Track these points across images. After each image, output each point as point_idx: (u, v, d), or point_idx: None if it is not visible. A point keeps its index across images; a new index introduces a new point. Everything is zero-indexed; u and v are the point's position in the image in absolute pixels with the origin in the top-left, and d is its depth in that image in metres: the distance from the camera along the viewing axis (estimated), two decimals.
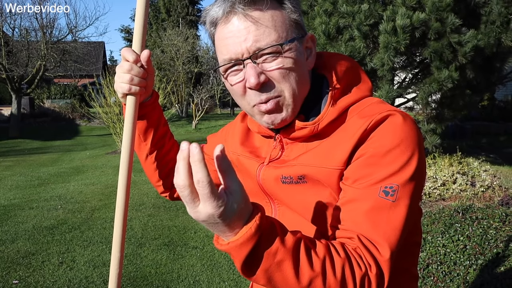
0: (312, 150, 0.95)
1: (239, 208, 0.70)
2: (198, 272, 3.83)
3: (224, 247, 0.73)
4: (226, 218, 0.69)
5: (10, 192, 7.01)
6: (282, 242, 0.74)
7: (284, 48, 0.90)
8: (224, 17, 0.91)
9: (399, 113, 0.89)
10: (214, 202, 0.67)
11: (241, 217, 0.71)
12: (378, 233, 0.81)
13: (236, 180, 0.70)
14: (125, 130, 1.02)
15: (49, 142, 14.76)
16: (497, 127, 13.47)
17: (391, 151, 0.85)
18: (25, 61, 16.87)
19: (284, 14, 0.92)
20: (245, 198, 0.71)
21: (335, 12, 5.64)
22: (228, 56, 0.92)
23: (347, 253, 0.79)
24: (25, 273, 3.81)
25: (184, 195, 0.68)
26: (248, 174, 1.07)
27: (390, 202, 0.83)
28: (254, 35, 0.88)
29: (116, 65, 6.50)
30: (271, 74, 0.90)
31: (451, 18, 4.91)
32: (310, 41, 0.98)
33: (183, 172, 0.67)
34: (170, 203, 6.02)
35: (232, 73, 0.95)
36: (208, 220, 0.69)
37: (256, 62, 0.90)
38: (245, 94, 0.94)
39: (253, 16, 0.89)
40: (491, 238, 3.54)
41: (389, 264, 0.80)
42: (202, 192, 0.66)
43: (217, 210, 0.67)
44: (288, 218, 1.00)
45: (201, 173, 0.65)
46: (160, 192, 1.34)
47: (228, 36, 0.91)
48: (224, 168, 0.69)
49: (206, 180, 0.65)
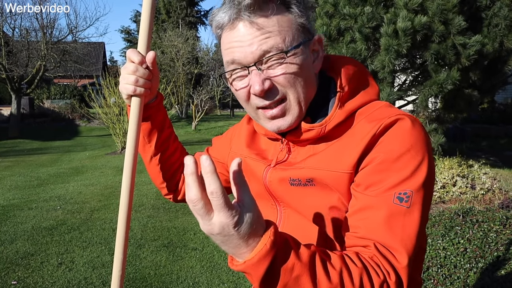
0: (320, 153, 0.94)
1: (252, 221, 0.69)
2: (197, 273, 3.82)
3: (241, 267, 0.72)
4: (241, 229, 0.68)
5: (9, 192, 7.00)
6: (298, 257, 0.73)
7: (289, 53, 0.89)
8: (230, 23, 0.91)
9: (408, 117, 0.89)
10: (228, 211, 0.66)
11: (255, 231, 0.70)
12: (395, 240, 0.81)
13: (249, 194, 0.70)
14: (130, 132, 1.01)
15: (48, 143, 14.74)
16: (497, 130, 13.49)
17: (402, 156, 0.85)
18: (25, 61, 16.86)
19: (291, 19, 0.91)
20: (257, 212, 0.71)
21: (336, 14, 5.64)
22: (233, 62, 0.92)
23: (363, 262, 0.79)
24: (24, 274, 3.80)
25: (197, 209, 0.68)
26: (254, 176, 1.06)
27: (404, 208, 0.82)
28: (259, 42, 0.88)
29: (116, 66, 6.46)
30: (276, 79, 0.90)
31: (458, 19, 4.90)
32: (317, 43, 0.97)
33: (194, 186, 0.67)
34: (170, 205, 6.01)
35: (237, 79, 0.95)
36: (222, 232, 0.68)
37: (261, 68, 0.90)
38: (249, 99, 0.95)
39: (258, 23, 0.88)
40: (491, 241, 3.53)
41: (407, 271, 0.80)
42: (217, 203, 0.66)
43: (231, 220, 0.67)
44: (294, 222, 0.99)
45: (214, 184, 0.65)
46: (164, 194, 1.34)
47: (233, 42, 0.91)
48: (239, 181, 0.69)
49: (220, 191, 0.65)
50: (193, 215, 5.55)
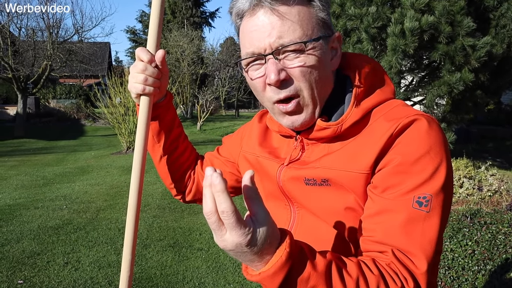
0: (336, 152, 0.92)
1: (267, 236, 0.68)
2: (203, 274, 3.82)
3: (256, 278, 0.71)
4: (254, 247, 0.67)
5: (15, 192, 7.02)
6: (314, 267, 0.72)
7: (308, 46, 0.87)
8: (250, 10, 0.90)
9: (425, 117, 0.87)
10: (240, 230, 0.65)
11: (270, 245, 0.69)
12: (414, 246, 0.79)
13: (262, 207, 0.69)
14: (139, 131, 1.00)
15: (54, 142, 14.80)
16: (504, 131, 13.40)
17: (420, 159, 0.83)
18: (31, 61, 16.93)
19: (312, 12, 0.90)
20: (272, 225, 0.69)
21: (342, 14, 5.62)
22: (251, 50, 0.91)
23: (380, 270, 0.77)
24: (30, 273, 3.81)
25: (211, 222, 0.67)
26: (267, 176, 1.05)
27: (424, 213, 0.80)
28: (279, 31, 0.86)
29: (121, 66, 6.46)
30: (292, 71, 0.88)
31: (466, 21, 4.87)
32: (336, 41, 0.96)
33: (210, 199, 0.66)
34: (175, 205, 6.01)
35: (253, 68, 0.93)
36: (235, 249, 0.67)
37: (278, 58, 0.88)
38: (265, 90, 0.93)
39: (279, 11, 0.87)
40: (500, 243, 3.50)
41: (426, 276, 0.78)
42: (228, 222, 0.65)
43: (244, 239, 0.66)
44: (308, 222, 0.97)
45: (225, 203, 0.64)
46: (174, 195, 1.33)
47: (252, 29, 0.90)
48: (251, 195, 0.68)
49: (230, 210, 0.64)
50: (199, 215, 5.55)
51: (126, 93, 11.65)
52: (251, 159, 1.12)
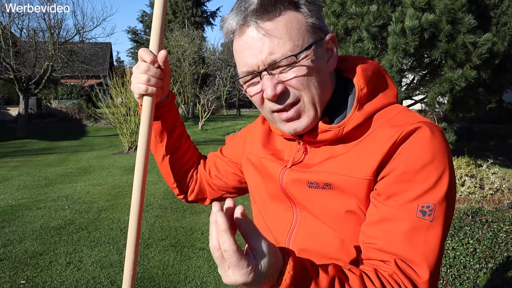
0: (339, 157, 0.93)
1: (269, 268, 0.69)
2: (205, 273, 3.82)
3: None
4: (258, 282, 0.69)
5: (17, 192, 7.04)
6: (317, 285, 0.73)
7: (300, 57, 0.87)
8: (238, 29, 0.91)
9: (428, 125, 0.87)
10: (242, 270, 0.67)
11: (273, 275, 0.71)
12: (417, 254, 0.80)
13: (260, 240, 0.69)
14: (141, 131, 1.01)
15: (56, 143, 14.83)
16: (505, 129, 13.40)
17: (424, 167, 0.83)
18: (33, 62, 16.97)
19: (300, 19, 0.89)
20: (273, 255, 0.70)
21: (343, 13, 5.62)
22: (245, 68, 0.92)
23: (382, 281, 0.78)
24: (33, 273, 3.82)
25: (215, 257, 0.69)
26: (270, 178, 1.05)
27: (427, 222, 0.81)
28: (269, 47, 0.87)
29: (123, 66, 6.47)
30: (289, 83, 0.89)
31: (467, 18, 4.86)
32: (330, 42, 0.95)
33: (214, 236, 0.68)
34: (177, 204, 6.02)
35: (251, 85, 0.94)
36: (240, 285, 0.69)
37: (273, 73, 0.89)
38: (264, 103, 0.94)
39: (265, 28, 0.87)
40: (501, 241, 3.50)
41: (428, 285, 0.79)
42: (230, 261, 0.67)
43: (247, 278, 0.67)
44: (310, 224, 0.98)
45: (227, 243, 0.66)
46: (176, 194, 1.33)
47: (243, 48, 0.90)
48: (247, 231, 0.69)
49: (232, 250, 0.66)
50: (200, 215, 5.54)
51: (128, 93, 11.67)
52: (254, 161, 1.12)
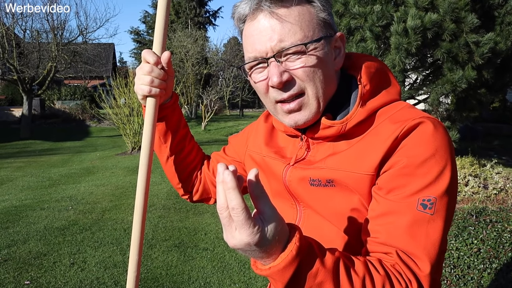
0: (341, 153, 0.93)
1: (275, 233, 0.69)
2: (208, 273, 3.83)
3: (265, 272, 0.72)
4: (263, 245, 0.68)
5: (21, 193, 7.06)
6: (322, 263, 0.73)
7: (309, 47, 0.88)
8: (251, 14, 0.91)
9: (431, 120, 0.87)
10: (249, 229, 0.66)
11: (279, 242, 0.70)
12: (418, 248, 0.80)
13: (269, 205, 0.69)
14: (145, 132, 1.01)
15: (59, 143, 14.88)
16: (509, 129, 13.34)
17: (426, 162, 0.83)
18: (36, 63, 17.05)
19: (312, 12, 0.90)
20: (280, 222, 0.70)
21: (346, 13, 5.61)
22: (253, 54, 0.92)
23: (386, 270, 0.78)
24: (37, 274, 3.83)
25: (222, 217, 0.68)
26: (273, 175, 1.05)
27: (428, 215, 0.81)
28: (279, 34, 0.87)
29: (126, 67, 6.48)
30: (295, 72, 0.89)
31: (470, 17, 4.85)
32: (339, 40, 0.96)
33: (222, 195, 0.67)
34: (180, 205, 6.02)
35: (256, 71, 0.94)
36: (244, 248, 0.68)
37: (280, 60, 0.89)
38: (268, 92, 0.94)
39: (279, 14, 0.88)
40: (505, 241, 3.49)
41: (429, 279, 0.79)
42: (237, 219, 0.66)
43: (253, 238, 0.66)
44: (314, 222, 0.98)
45: (235, 200, 0.65)
46: (181, 195, 1.34)
47: (253, 34, 0.91)
48: (257, 193, 0.69)
49: (240, 207, 0.65)
50: (204, 215, 5.55)
51: (131, 94, 11.70)
52: (257, 159, 1.12)
